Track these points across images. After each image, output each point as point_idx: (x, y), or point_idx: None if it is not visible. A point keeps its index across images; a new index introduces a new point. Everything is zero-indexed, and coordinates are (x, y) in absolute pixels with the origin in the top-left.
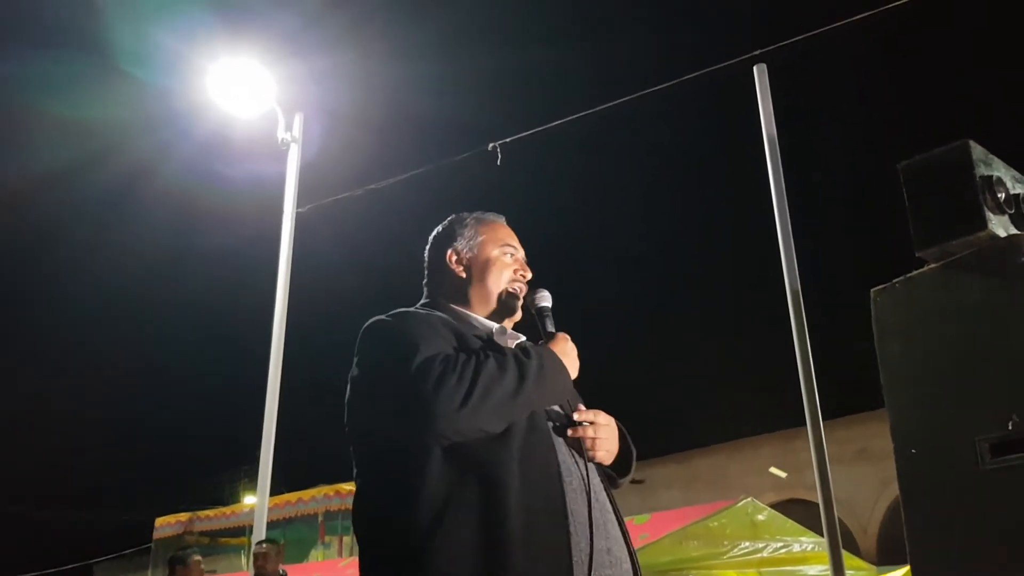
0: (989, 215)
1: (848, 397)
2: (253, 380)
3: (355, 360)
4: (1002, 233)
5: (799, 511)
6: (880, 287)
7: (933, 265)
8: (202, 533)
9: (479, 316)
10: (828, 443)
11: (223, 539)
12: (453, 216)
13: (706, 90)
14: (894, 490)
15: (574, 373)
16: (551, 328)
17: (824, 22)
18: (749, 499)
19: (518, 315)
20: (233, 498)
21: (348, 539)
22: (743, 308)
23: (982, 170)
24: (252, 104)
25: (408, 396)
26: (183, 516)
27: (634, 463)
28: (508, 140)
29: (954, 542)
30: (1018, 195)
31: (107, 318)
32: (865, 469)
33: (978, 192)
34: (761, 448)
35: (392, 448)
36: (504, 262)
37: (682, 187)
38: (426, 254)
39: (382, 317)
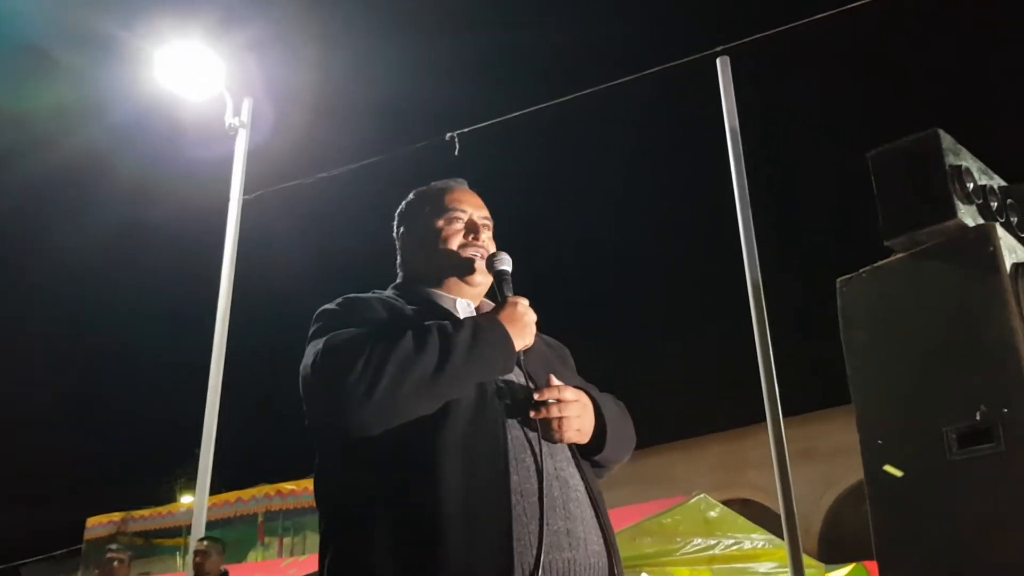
0: (958, 204)
1: (793, 398)
2: (194, 375)
3: None
4: (971, 223)
5: (741, 510)
6: (846, 277)
7: (901, 254)
8: (136, 533)
9: (440, 292)
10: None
11: (158, 540)
12: (410, 195)
13: (670, 83)
14: (836, 490)
15: (528, 340)
16: (508, 293)
17: (788, 15)
18: (702, 496)
19: (483, 285)
20: (169, 497)
21: (288, 540)
22: (697, 310)
23: (951, 159)
24: (201, 88)
25: (315, 391)
26: (116, 516)
27: (612, 440)
28: (466, 130)
29: (920, 532)
30: (985, 186)
31: (44, 310)
32: (808, 469)
33: (947, 181)
34: (708, 448)
35: (320, 438)
36: (451, 229)
37: (644, 179)
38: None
39: (327, 305)
